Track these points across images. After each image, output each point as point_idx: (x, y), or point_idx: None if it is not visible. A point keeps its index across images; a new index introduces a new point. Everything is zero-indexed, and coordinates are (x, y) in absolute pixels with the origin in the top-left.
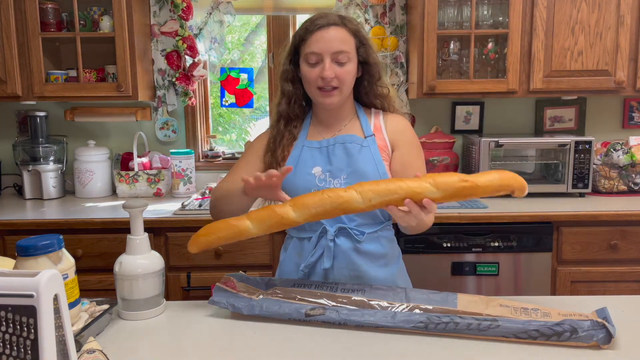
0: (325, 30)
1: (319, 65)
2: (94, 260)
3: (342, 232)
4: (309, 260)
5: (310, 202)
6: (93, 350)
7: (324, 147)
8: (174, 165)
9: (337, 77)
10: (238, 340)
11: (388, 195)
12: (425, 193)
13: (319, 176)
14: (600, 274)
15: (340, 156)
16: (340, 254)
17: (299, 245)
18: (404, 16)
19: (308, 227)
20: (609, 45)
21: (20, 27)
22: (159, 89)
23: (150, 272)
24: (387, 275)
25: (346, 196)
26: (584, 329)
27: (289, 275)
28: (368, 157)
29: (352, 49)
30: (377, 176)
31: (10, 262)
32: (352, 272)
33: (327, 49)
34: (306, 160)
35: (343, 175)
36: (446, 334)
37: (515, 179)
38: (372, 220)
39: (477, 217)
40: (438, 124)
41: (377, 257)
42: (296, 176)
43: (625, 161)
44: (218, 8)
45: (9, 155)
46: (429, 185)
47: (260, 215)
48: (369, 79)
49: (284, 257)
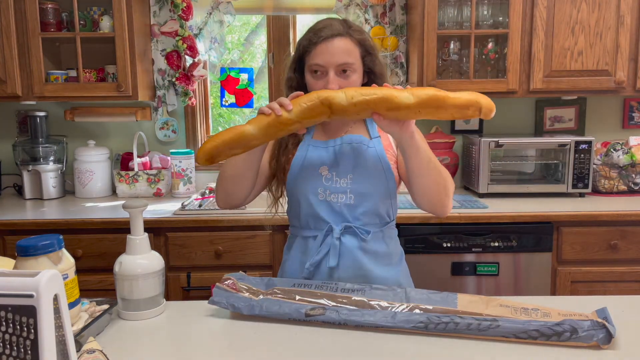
0: (329, 42)
1: (323, 77)
2: (94, 260)
3: (348, 230)
4: (315, 258)
5: (302, 98)
6: (93, 350)
7: (330, 147)
8: (174, 165)
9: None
10: (238, 340)
11: (368, 94)
12: (400, 97)
13: (326, 175)
14: (600, 274)
15: (347, 156)
16: (346, 252)
17: (303, 244)
18: (404, 16)
19: (313, 225)
20: (609, 45)
21: (20, 27)
22: (159, 89)
23: (150, 272)
24: (391, 275)
25: (332, 92)
26: (584, 329)
27: (293, 274)
28: (374, 157)
29: (358, 59)
30: (382, 176)
31: (10, 262)
32: (357, 271)
33: (332, 61)
34: (313, 159)
35: (349, 174)
36: (446, 334)
37: (485, 98)
38: (378, 219)
39: (477, 217)
40: (438, 124)
41: (382, 256)
42: (302, 175)
43: (625, 161)
44: (218, 8)
45: (9, 155)
46: (405, 91)
47: (257, 119)
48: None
49: (287, 256)
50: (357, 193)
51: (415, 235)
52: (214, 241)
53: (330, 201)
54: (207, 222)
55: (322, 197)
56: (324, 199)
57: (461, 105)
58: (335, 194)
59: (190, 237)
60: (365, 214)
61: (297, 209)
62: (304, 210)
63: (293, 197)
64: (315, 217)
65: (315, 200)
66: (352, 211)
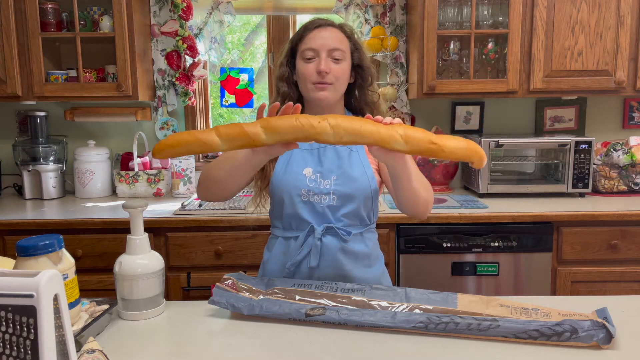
0: (322, 29)
1: (315, 61)
2: (94, 260)
3: (330, 231)
4: (296, 258)
5: (283, 127)
6: (93, 350)
7: (315, 149)
8: (174, 165)
9: (333, 73)
10: (238, 340)
11: (359, 137)
12: (393, 144)
13: (310, 177)
14: (600, 274)
15: (331, 158)
16: (327, 252)
17: (284, 244)
18: (404, 16)
19: (295, 226)
20: (609, 45)
21: (20, 27)
22: (159, 89)
23: (150, 272)
24: (371, 276)
25: (319, 128)
26: (584, 329)
27: (272, 274)
28: (356, 161)
29: (348, 50)
30: (365, 179)
31: (10, 262)
32: (336, 271)
33: (324, 45)
34: (297, 161)
35: (333, 176)
36: (446, 334)
37: (478, 152)
38: (359, 221)
39: (477, 217)
40: (438, 124)
41: (362, 257)
42: (287, 176)
43: (626, 161)
44: (218, 8)
45: (9, 155)
46: (399, 137)
47: (229, 133)
48: (362, 82)
49: (267, 256)
50: (340, 194)
51: (415, 235)
52: (214, 241)
53: (313, 202)
54: (207, 222)
55: (306, 197)
56: (307, 199)
57: (454, 159)
58: (318, 195)
59: (190, 237)
60: (348, 215)
61: (280, 210)
62: (287, 211)
63: (276, 197)
64: (298, 218)
65: (299, 200)
66: (335, 212)
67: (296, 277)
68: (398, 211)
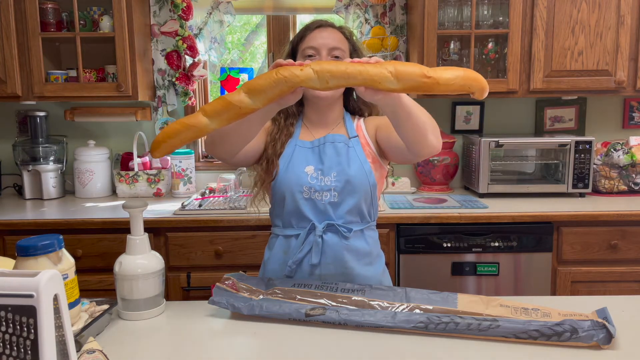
0: (323, 29)
1: (315, 59)
2: (94, 260)
3: (331, 228)
4: (297, 256)
5: (265, 84)
6: (93, 350)
7: (315, 147)
8: (174, 165)
9: None
10: (238, 340)
11: (346, 79)
12: (384, 83)
13: (311, 174)
14: (600, 274)
15: (331, 155)
16: (328, 250)
17: (285, 243)
18: (404, 16)
19: (295, 224)
20: (609, 45)
21: (20, 27)
22: (159, 89)
23: (150, 272)
24: (372, 274)
25: (302, 76)
26: (584, 329)
27: (273, 273)
28: (353, 157)
29: (347, 50)
30: (363, 174)
31: (10, 262)
32: (338, 269)
33: (325, 44)
34: (299, 159)
35: (333, 173)
36: (446, 334)
37: (478, 80)
38: (359, 218)
39: (477, 217)
40: (438, 123)
41: (363, 254)
42: (289, 174)
43: (626, 161)
44: (218, 8)
45: (9, 155)
46: (390, 75)
47: (215, 109)
48: None
49: (268, 255)
50: (341, 190)
51: (415, 235)
52: (214, 241)
53: (314, 199)
54: (207, 222)
55: (307, 195)
56: (309, 196)
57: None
58: (320, 192)
59: (190, 237)
60: (349, 212)
61: (281, 208)
62: (288, 208)
63: (278, 195)
64: (299, 216)
65: (300, 197)
66: (336, 209)
67: (297, 275)
68: (398, 211)
